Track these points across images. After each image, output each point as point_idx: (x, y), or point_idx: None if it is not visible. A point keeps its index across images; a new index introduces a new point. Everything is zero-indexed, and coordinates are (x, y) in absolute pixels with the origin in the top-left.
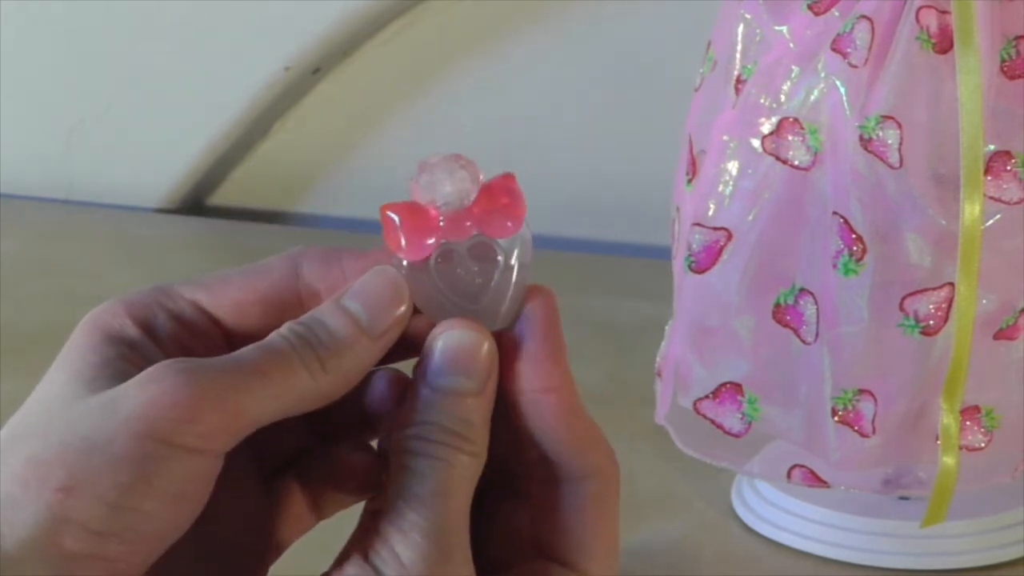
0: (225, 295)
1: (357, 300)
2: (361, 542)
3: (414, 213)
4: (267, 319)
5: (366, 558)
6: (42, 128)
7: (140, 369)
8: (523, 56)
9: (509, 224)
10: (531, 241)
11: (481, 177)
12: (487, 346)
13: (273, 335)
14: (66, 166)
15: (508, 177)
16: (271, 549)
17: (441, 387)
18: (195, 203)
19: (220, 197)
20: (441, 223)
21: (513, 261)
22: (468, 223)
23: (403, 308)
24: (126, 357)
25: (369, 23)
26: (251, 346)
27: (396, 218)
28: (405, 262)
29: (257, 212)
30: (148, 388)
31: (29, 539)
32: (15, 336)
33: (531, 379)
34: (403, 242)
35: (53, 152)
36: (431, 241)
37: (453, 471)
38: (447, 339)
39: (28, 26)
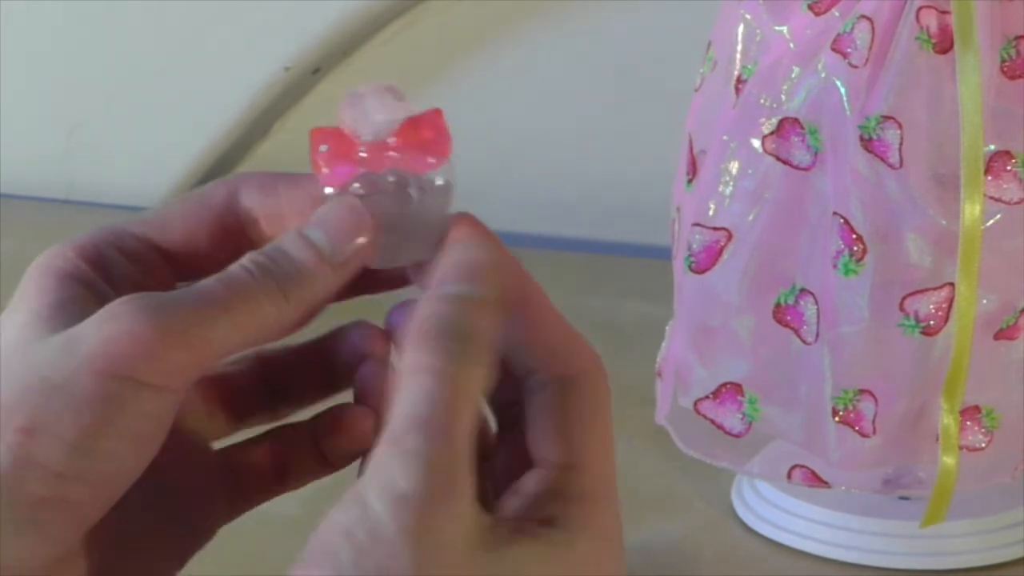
0: (172, 229)
1: (319, 229)
2: (362, 476)
3: (337, 140)
4: (213, 248)
5: (361, 494)
6: (42, 128)
7: (97, 308)
8: (523, 56)
9: (431, 160)
10: (453, 179)
11: (412, 111)
12: (496, 254)
13: (234, 266)
14: (66, 166)
15: (435, 112)
16: (225, 508)
17: (448, 296)
18: None
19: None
20: (362, 153)
21: (430, 196)
22: (390, 153)
23: (364, 237)
24: (82, 297)
25: (369, 23)
26: (211, 278)
27: (321, 146)
28: (327, 189)
29: None
30: (107, 325)
31: None
32: None
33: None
34: (323, 168)
35: (53, 152)
36: (349, 169)
37: (458, 386)
38: (455, 249)
39: (28, 26)
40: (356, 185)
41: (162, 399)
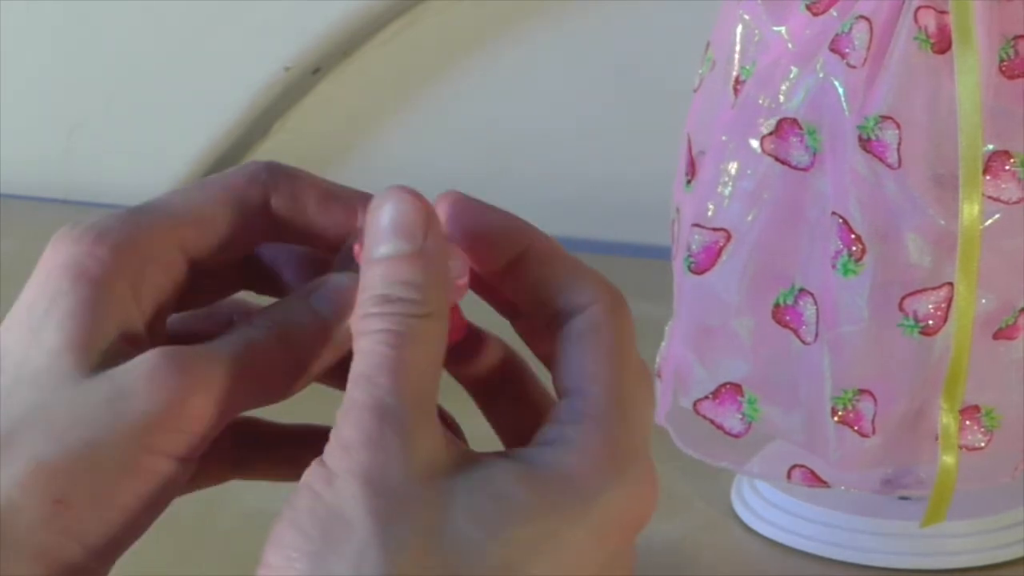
0: (208, 236)
1: (324, 297)
2: None
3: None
4: (233, 252)
5: (322, 456)
6: (42, 128)
7: (128, 335)
8: (523, 56)
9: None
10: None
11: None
12: (413, 203)
13: (248, 329)
14: (66, 166)
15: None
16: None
17: (379, 257)
18: None
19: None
20: None
21: None
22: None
23: None
24: (117, 321)
25: (369, 23)
26: (232, 340)
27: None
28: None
29: None
30: (155, 391)
31: (24, 546)
32: None
33: (496, 253)
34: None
35: (53, 152)
36: None
37: (403, 340)
38: (373, 212)
39: (28, 26)
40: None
41: (184, 469)
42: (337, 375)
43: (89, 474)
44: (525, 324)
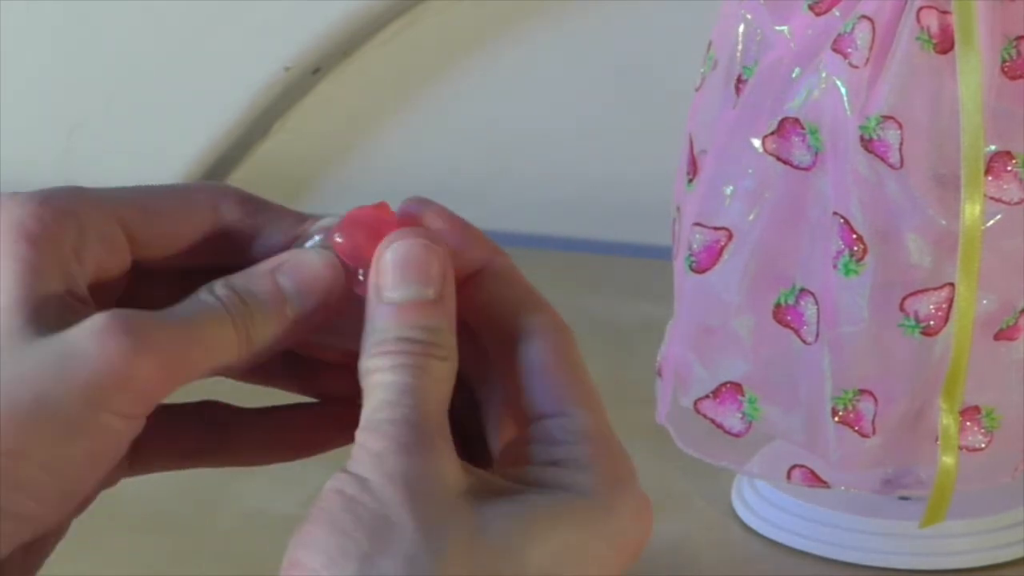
0: (153, 222)
1: (289, 275)
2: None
3: (365, 241)
4: (180, 248)
5: (343, 468)
6: (42, 128)
7: (72, 292)
8: (523, 56)
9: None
10: None
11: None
12: (438, 250)
13: (206, 296)
14: (66, 166)
15: None
16: (126, 465)
17: (396, 301)
18: None
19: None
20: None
21: None
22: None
23: (333, 295)
24: (58, 278)
25: (369, 23)
26: (188, 305)
27: (341, 234)
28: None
29: None
30: (104, 350)
31: None
32: None
33: (460, 265)
34: (337, 237)
35: (53, 152)
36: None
37: (423, 375)
38: (394, 251)
39: (28, 26)
40: (339, 239)
41: (134, 426)
42: (282, 372)
43: (38, 428)
44: (469, 339)
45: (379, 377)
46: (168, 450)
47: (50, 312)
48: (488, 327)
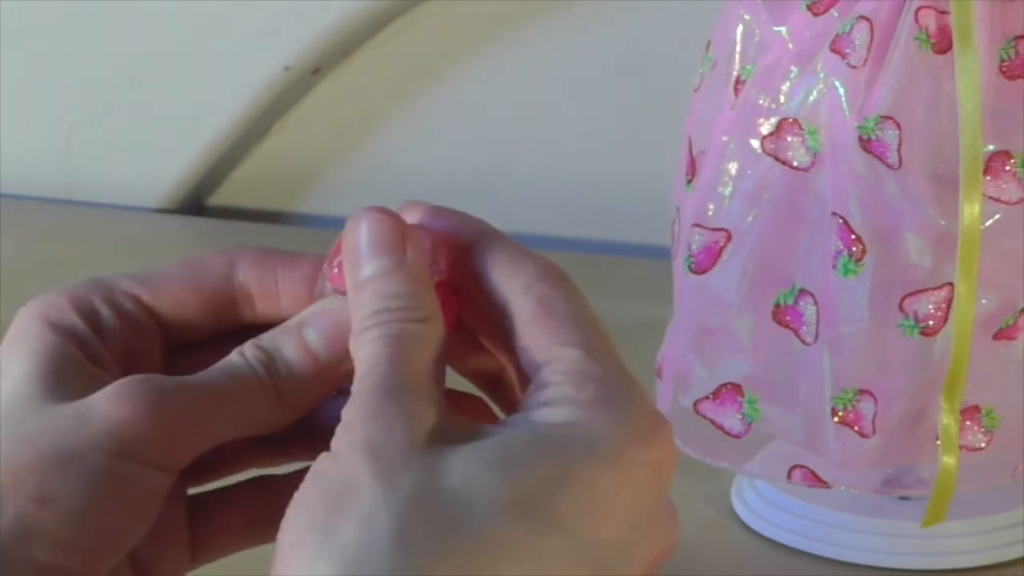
0: (165, 292)
1: (316, 331)
2: None
3: None
4: (203, 316)
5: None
6: (42, 128)
7: (94, 370)
8: (523, 56)
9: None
10: None
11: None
12: (387, 219)
13: (236, 359)
14: (66, 166)
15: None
16: (188, 556)
17: (365, 279)
18: (195, 203)
19: (220, 197)
20: None
21: None
22: None
23: None
24: (80, 360)
25: (369, 23)
26: (216, 369)
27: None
28: (330, 286)
29: (257, 212)
30: (120, 405)
31: (3, 547)
32: None
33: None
34: (334, 269)
35: (53, 152)
36: None
37: (398, 341)
38: (348, 239)
39: (28, 26)
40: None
41: (162, 478)
42: (307, 445)
43: (60, 475)
44: (472, 314)
45: (359, 354)
46: (227, 533)
47: (71, 385)
48: (487, 299)
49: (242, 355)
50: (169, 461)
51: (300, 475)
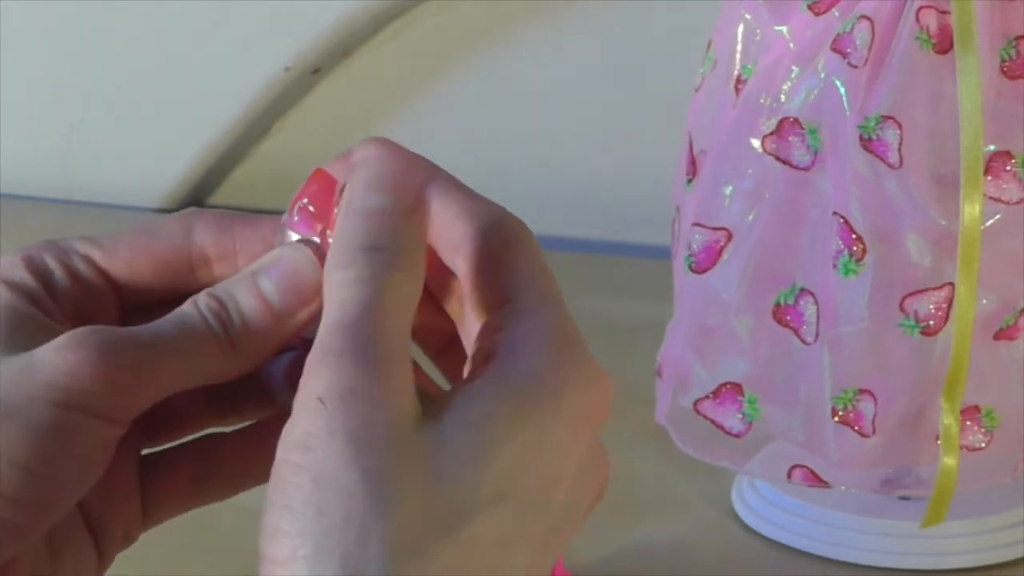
0: (118, 255)
1: (271, 279)
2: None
3: (327, 200)
4: (158, 280)
5: (291, 416)
6: (42, 128)
7: (45, 323)
8: (523, 56)
9: None
10: None
11: None
12: (405, 159)
13: (188, 307)
14: (66, 166)
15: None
16: (140, 516)
17: (366, 208)
18: (195, 203)
19: (220, 197)
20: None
21: None
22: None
23: (316, 292)
24: (31, 310)
25: (369, 23)
26: (167, 318)
27: (307, 199)
28: (292, 235)
29: (257, 212)
30: (66, 356)
31: None
32: None
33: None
34: (295, 216)
35: (53, 152)
36: (321, 227)
37: (383, 287)
38: (370, 163)
39: (28, 26)
40: (317, 239)
41: (110, 430)
42: (260, 401)
43: (6, 427)
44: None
45: (337, 292)
46: (175, 492)
47: (20, 339)
48: (441, 244)
49: (195, 304)
50: (117, 412)
51: (243, 433)
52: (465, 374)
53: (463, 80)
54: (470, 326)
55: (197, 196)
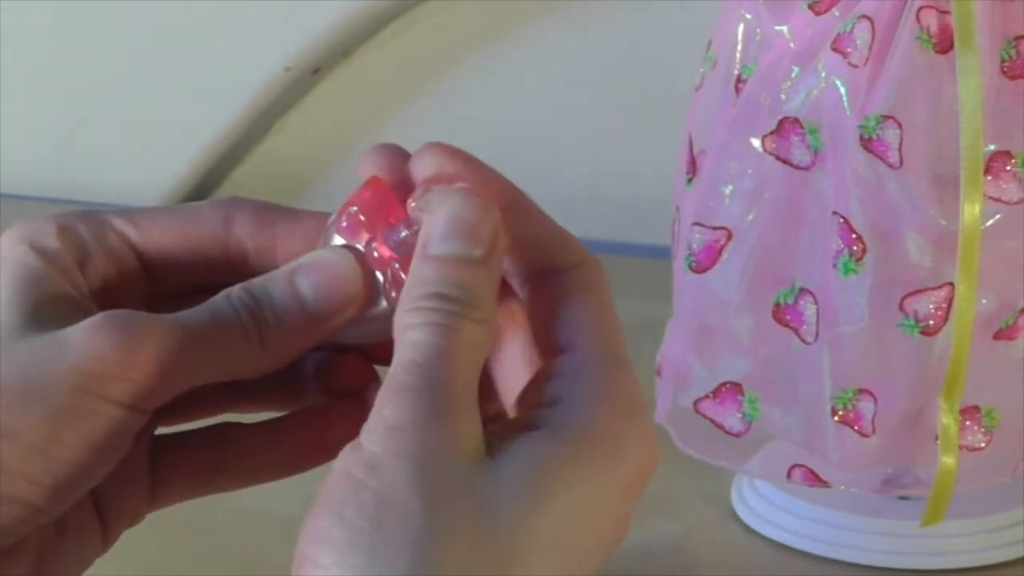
0: (154, 235)
1: (309, 280)
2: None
3: (379, 211)
4: (191, 264)
5: (357, 438)
6: (42, 128)
7: (75, 299)
8: (523, 56)
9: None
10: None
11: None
12: (492, 212)
13: (221, 300)
14: (66, 166)
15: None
16: (149, 497)
17: (442, 255)
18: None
19: (220, 197)
20: (391, 240)
21: None
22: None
23: (353, 300)
24: (61, 282)
25: (369, 23)
26: (198, 309)
27: (356, 207)
28: (337, 238)
29: None
30: (94, 340)
31: None
32: None
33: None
34: (344, 221)
35: (53, 152)
36: (366, 237)
37: (457, 336)
38: (447, 206)
39: (28, 26)
40: (361, 247)
41: (132, 418)
42: (283, 395)
43: (27, 409)
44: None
45: (411, 334)
46: (185, 477)
47: (50, 314)
48: (515, 263)
49: (228, 297)
50: (140, 401)
51: (260, 428)
52: (510, 409)
53: (463, 80)
54: (515, 349)
55: (197, 196)
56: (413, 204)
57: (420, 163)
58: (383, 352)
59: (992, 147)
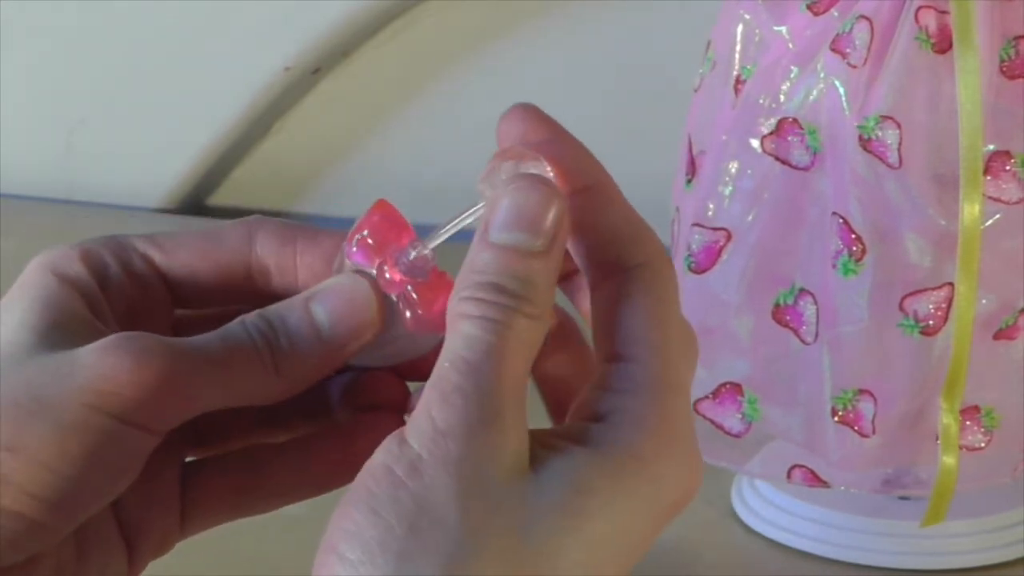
0: (178, 257)
1: (325, 307)
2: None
3: (386, 237)
4: (215, 285)
5: (401, 433)
6: (42, 128)
7: (92, 322)
8: (523, 56)
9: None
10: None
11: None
12: (557, 203)
13: (236, 325)
14: (66, 166)
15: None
16: (179, 524)
17: (501, 243)
18: (195, 203)
19: (220, 197)
20: (399, 263)
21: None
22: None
23: (368, 326)
24: (80, 306)
25: (369, 23)
26: (213, 334)
27: (366, 230)
28: (349, 262)
29: (257, 212)
30: (105, 360)
31: None
32: None
33: (567, 182)
34: (354, 248)
35: (53, 152)
36: (378, 262)
37: (509, 333)
38: (513, 191)
39: (28, 26)
40: (373, 272)
41: (144, 439)
42: (309, 420)
43: (35, 425)
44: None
45: (464, 326)
46: (215, 501)
47: (64, 335)
48: (584, 253)
49: (243, 323)
50: (152, 422)
51: (290, 447)
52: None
53: (463, 80)
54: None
55: (197, 196)
56: (482, 177)
57: (506, 126)
58: (410, 369)
59: (991, 147)
